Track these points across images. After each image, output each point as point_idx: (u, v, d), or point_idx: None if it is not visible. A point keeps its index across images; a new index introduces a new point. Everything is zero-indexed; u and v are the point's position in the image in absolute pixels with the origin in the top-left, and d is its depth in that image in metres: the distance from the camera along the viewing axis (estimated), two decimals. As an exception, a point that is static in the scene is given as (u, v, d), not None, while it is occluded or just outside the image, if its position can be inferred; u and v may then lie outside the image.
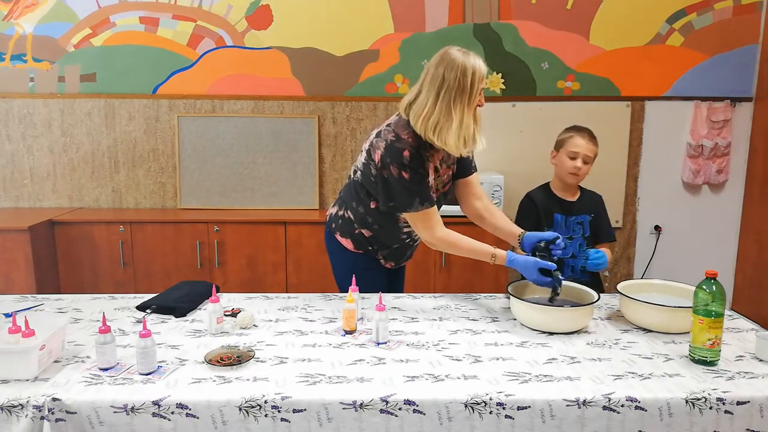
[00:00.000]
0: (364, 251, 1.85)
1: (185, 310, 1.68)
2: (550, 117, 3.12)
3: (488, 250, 1.70)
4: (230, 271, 2.91)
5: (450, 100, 1.60)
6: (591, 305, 1.57)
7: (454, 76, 1.60)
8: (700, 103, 3.14)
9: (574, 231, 2.04)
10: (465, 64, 1.60)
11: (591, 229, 2.06)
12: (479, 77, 1.62)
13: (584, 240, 2.04)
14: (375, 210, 1.77)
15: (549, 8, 3.07)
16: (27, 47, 3.06)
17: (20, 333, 1.28)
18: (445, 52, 1.64)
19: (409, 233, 1.84)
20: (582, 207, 2.07)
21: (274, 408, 1.17)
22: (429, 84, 1.63)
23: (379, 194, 1.72)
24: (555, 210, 2.05)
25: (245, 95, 3.13)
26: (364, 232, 1.82)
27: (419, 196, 1.66)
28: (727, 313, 1.67)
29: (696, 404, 1.20)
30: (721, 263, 3.26)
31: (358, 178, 1.78)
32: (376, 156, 1.67)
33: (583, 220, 2.05)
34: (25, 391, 1.19)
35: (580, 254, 2.01)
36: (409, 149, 1.63)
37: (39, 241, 2.75)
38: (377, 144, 1.68)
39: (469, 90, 1.61)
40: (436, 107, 1.61)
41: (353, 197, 1.81)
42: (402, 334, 1.54)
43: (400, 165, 1.63)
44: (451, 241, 1.72)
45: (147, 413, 1.16)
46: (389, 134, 1.67)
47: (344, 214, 1.85)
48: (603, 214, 2.11)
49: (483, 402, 1.18)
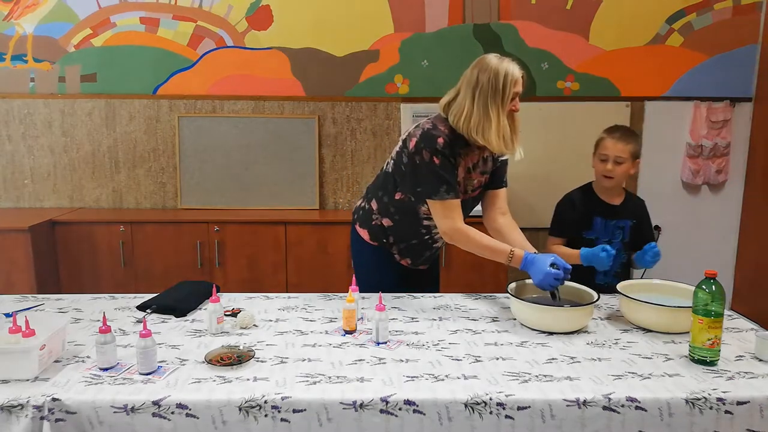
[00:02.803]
0: (379, 243, 1.88)
1: (185, 310, 1.68)
2: (550, 117, 3.12)
3: (506, 249, 1.69)
4: (230, 271, 2.91)
5: (486, 101, 1.67)
6: (591, 305, 1.57)
7: (487, 77, 1.67)
8: (699, 104, 3.14)
9: (614, 235, 1.98)
10: (498, 68, 1.68)
11: (632, 235, 2.00)
12: (512, 80, 1.68)
13: (622, 245, 1.98)
14: (399, 201, 1.81)
15: (549, 8, 3.07)
16: (27, 47, 3.06)
17: (20, 333, 1.28)
18: (482, 58, 1.73)
19: (428, 228, 1.84)
20: (625, 211, 2.00)
21: (274, 408, 1.17)
22: (465, 86, 1.71)
23: (407, 180, 1.76)
24: (596, 213, 1.98)
25: (245, 95, 3.13)
26: (384, 221, 1.85)
27: (446, 183, 1.69)
28: (727, 313, 1.67)
29: (696, 404, 1.20)
30: (721, 263, 3.25)
31: (389, 168, 1.84)
32: (411, 143, 1.73)
33: (624, 224, 1.98)
34: (25, 391, 1.19)
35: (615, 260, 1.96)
36: (444, 137, 1.69)
37: (39, 241, 2.75)
38: (414, 132, 1.75)
39: (501, 92, 1.67)
40: (474, 108, 1.68)
41: (380, 187, 1.87)
42: (402, 333, 1.54)
43: (433, 150, 1.68)
44: (469, 236, 1.72)
45: (147, 413, 1.16)
46: (427, 124, 1.75)
47: (365, 205, 1.91)
48: (646, 220, 2.05)
49: (483, 402, 1.18)
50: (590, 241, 1.97)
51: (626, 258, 2.01)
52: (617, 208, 2.00)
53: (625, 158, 1.94)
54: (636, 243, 2.02)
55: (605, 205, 2.00)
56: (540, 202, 3.04)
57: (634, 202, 2.06)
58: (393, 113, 3.15)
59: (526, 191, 3.14)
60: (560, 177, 2.10)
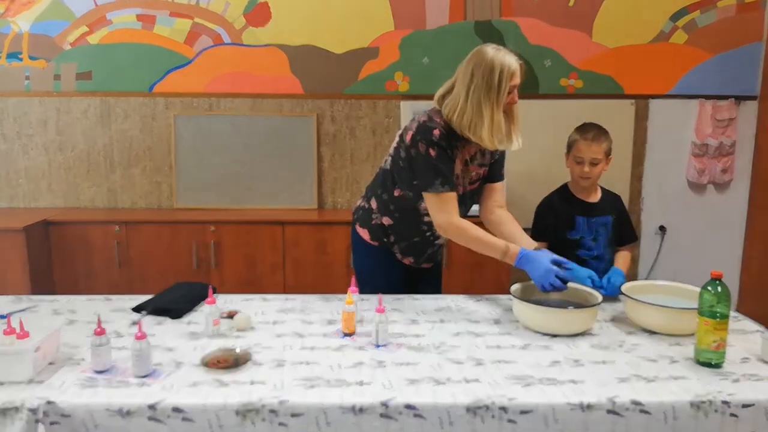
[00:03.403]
0: (379, 243, 1.86)
1: (181, 312, 1.66)
2: (553, 115, 3.10)
3: (501, 244, 1.67)
4: (227, 272, 2.89)
5: (479, 98, 1.63)
6: (595, 307, 1.55)
7: (481, 74, 1.63)
8: (704, 102, 3.12)
9: (599, 232, 1.98)
10: (493, 62, 1.62)
11: (614, 231, 2.01)
12: (508, 74, 1.63)
13: (607, 241, 1.99)
14: (398, 198, 1.80)
15: (551, 5, 3.04)
16: (23, 45, 3.03)
17: (15, 335, 1.26)
18: (478, 50, 1.67)
19: (429, 225, 1.82)
20: (604, 207, 2.02)
21: (271, 412, 1.15)
22: (461, 80, 1.68)
23: (404, 174, 1.75)
24: (576, 212, 1.99)
25: (243, 93, 3.10)
26: (384, 220, 1.84)
27: (442, 176, 1.67)
28: (733, 315, 1.65)
29: (701, 407, 1.18)
30: (727, 264, 3.22)
31: (387, 166, 1.82)
32: (408, 136, 1.71)
33: (606, 221, 2.00)
34: (19, 394, 1.18)
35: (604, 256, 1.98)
36: (440, 129, 1.67)
37: (34, 242, 2.73)
38: (410, 125, 1.74)
39: (497, 88, 1.62)
40: (468, 105, 1.64)
41: (379, 185, 1.85)
42: (402, 336, 1.52)
43: (429, 142, 1.66)
44: (464, 229, 1.70)
45: (142, 417, 1.15)
46: (423, 117, 1.73)
47: (365, 205, 1.89)
48: (624, 214, 2.07)
49: (485, 406, 1.17)
50: (575, 242, 1.98)
51: (612, 254, 2.02)
52: (596, 205, 2.02)
53: (600, 158, 1.95)
54: (618, 237, 2.04)
55: (584, 204, 2.01)
56: (541, 202, 3.02)
57: (612, 198, 2.08)
58: (393, 111, 3.13)
59: (528, 190, 3.12)
60: (563, 176, 2.08)
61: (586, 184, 1.99)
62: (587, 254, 1.98)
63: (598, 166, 1.95)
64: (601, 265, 1.97)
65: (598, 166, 1.95)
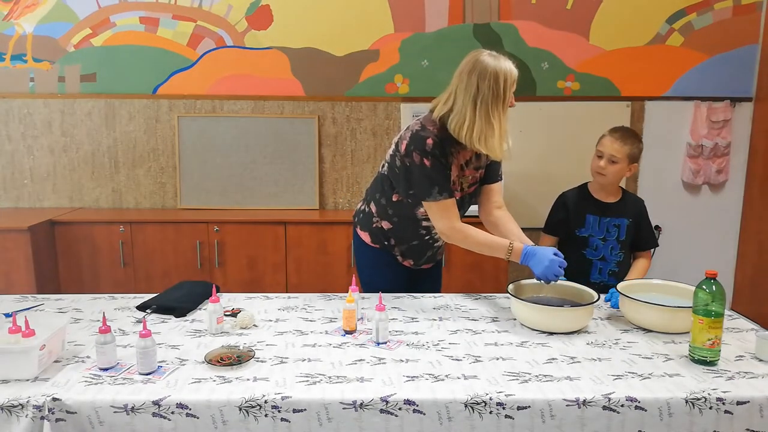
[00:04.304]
0: (380, 246, 1.88)
1: (185, 310, 1.68)
2: (550, 117, 3.12)
3: (505, 243, 1.69)
4: (230, 271, 2.91)
5: (488, 109, 1.64)
6: (591, 305, 1.57)
7: (488, 85, 1.62)
8: (700, 103, 3.14)
9: (609, 233, 1.98)
10: (497, 71, 1.63)
11: (629, 234, 2.00)
12: (511, 81, 1.65)
13: (618, 244, 1.99)
14: (396, 203, 1.80)
15: (549, 8, 3.06)
16: (27, 47, 3.06)
17: (20, 333, 1.28)
18: (477, 60, 1.65)
19: (428, 229, 1.84)
20: (621, 210, 2.00)
21: (274, 408, 1.17)
22: (464, 93, 1.65)
23: (400, 183, 1.75)
24: (589, 210, 1.99)
25: (245, 95, 3.13)
26: (383, 224, 1.85)
27: (438, 185, 1.68)
28: (727, 313, 1.67)
29: (696, 404, 1.19)
30: (721, 263, 3.25)
31: (384, 171, 1.83)
32: (402, 146, 1.72)
33: (620, 223, 1.99)
34: (25, 391, 1.19)
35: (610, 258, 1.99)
36: (432, 138, 1.67)
37: (39, 241, 2.75)
38: (404, 135, 1.74)
39: (503, 96, 1.64)
40: (477, 118, 1.64)
41: (378, 189, 1.85)
42: (402, 334, 1.54)
43: (423, 152, 1.66)
44: (467, 233, 1.72)
45: (147, 413, 1.16)
46: (416, 125, 1.73)
47: (365, 208, 1.90)
48: (645, 219, 2.05)
49: (483, 402, 1.18)
50: (583, 239, 1.99)
51: (623, 257, 2.01)
52: (612, 206, 2.01)
53: (620, 158, 1.93)
54: (635, 242, 2.03)
55: (598, 203, 2.01)
56: (540, 202, 3.02)
57: (632, 201, 2.06)
58: (393, 113, 3.15)
59: (526, 191, 3.14)
60: (560, 177, 2.10)
61: (601, 180, 1.98)
62: (593, 254, 1.99)
63: (617, 165, 1.93)
64: (607, 268, 1.98)
65: (617, 166, 1.93)
